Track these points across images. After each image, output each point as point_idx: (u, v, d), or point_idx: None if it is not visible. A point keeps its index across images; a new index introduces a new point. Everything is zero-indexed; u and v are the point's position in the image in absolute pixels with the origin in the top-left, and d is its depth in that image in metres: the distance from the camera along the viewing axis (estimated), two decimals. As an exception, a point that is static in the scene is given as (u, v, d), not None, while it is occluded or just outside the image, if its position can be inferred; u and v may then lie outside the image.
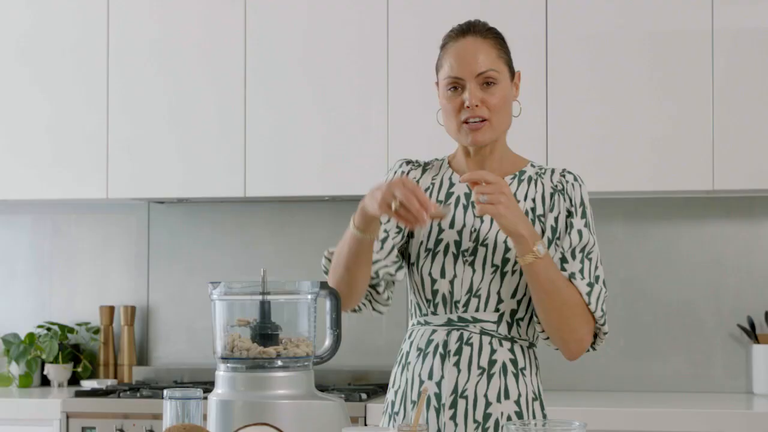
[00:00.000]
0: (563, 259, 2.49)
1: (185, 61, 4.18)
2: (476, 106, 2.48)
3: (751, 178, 3.84)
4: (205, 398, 2.15)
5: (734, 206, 4.17)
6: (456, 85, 2.51)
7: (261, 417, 2.09)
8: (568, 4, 3.95)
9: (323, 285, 2.22)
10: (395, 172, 2.66)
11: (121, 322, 4.49)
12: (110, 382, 4.36)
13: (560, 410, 3.44)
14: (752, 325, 4.08)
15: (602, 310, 2.48)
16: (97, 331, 4.51)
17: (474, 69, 2.49)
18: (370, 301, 2.62)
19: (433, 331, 2.54)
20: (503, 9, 3.98)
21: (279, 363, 2.13)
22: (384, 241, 2.57)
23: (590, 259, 2.50)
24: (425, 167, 2.67)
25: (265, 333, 2.16)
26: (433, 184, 2.63)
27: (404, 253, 2.62)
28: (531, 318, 2.55)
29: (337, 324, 2.25)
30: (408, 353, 2.59)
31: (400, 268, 2.59)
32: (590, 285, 2.47)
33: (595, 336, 2.52)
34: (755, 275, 4.15)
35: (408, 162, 2.68)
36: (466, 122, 2.51)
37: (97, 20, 4.23)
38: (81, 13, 4.25)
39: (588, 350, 2.53)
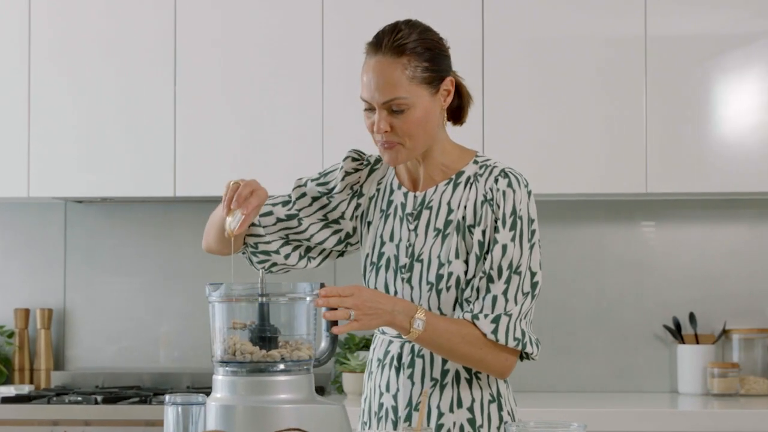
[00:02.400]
0: (489, 278, 2.38)
1: (114, 57, 4.07)
2: (385, 132, 2.39)
3: (683, 182, 3.92)
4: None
5: (660, 209, 4.25)
6: (368, 106, 2.42)
7: (263, 422, 2.05)
8: (504, 9, 3.97)
9: (322, 286, 2.19)
10: (341, 167, 2.57)
11: (37, 325, 4.34)
12: (28, 388, 4.21)
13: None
14: (678, 326, 4.17)
15: (516, 338, 2.37)
16: (11, 335, 4.35)
17: (378, 98, 2.37)
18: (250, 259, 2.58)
19: (390, 342, 2.50)
20: (439, 12, 3.98)
21: (281, 366, 2.09)
22: (268, 215, 2.53)
23: (519, 274, 2.38)
24: (374, 167, 2.58)
25: (264, 336, 2.11)
26: (378, 190, 2.56)
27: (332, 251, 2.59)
28: None
29: (334, 325, 2.22)
30: (372, 362, 2.55)
31: (287, 244, 2.55)
32: (496, 320, 2.36)
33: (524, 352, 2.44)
34: (680, 277, 4.24)
35: (355, 159, 2.58)
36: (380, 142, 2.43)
37: (20, 16, 4.09)
38: (3, 8, 4.10)
39: (528, 360, 2.45)
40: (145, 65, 4.06)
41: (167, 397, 2.02)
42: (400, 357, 2.46)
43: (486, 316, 2.36)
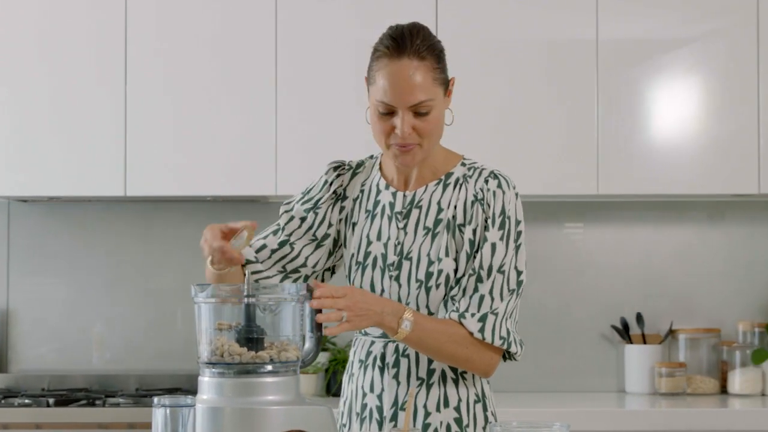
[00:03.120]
0: (478, 278, 2.41)
1: (67, 54, 4.00)
2: (408, 134, 2.39)
3: (633, 184, 3.98)
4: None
5: (609, 210, 4.30)
6: (387, 110, 2.40)
7: (252, 423, 2.03)
8: (457, 11, 3.98)
9: (308, 288, 2.18)
10: (324, 180, 2.58)
11: (-21, 326, 4.27)
12: (-29, 391, 4.13)
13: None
14: (625, 326, 4.22)
15: (502, 337, 2.40)
16: (-48, 337, 4.27)
17: (407, 101, 2.37)
18: None
19: (372, 343, 2.50)
20: (393, 13, 3.98)
21: (269, 368, 2.07)
22: (262, 249, 2.54)
23: (503, 273, 2.42)
24: (356, 170, 2.59)
25: (251, 337, 2.09)
26: (362, 191, 2.56)
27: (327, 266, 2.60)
28: None
29: (318, 327, 2.21)
30: (353, 363, 2.56)
31: (286, 277, 2.56)
32: (482, 319, 2.39)
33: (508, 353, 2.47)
34: (628, 278, 4.29)
35: (336, 167, 2.59)
36: (395, 145, 2.42)
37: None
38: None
39: (511, 360, 2.49)
40: (95, 63, 4.00)
41: (155, 399, 2.00)
42: (383, 357, 2.47)
43: (473, 315, 2.39)
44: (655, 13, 4.00)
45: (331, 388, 4.09)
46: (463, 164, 2.54)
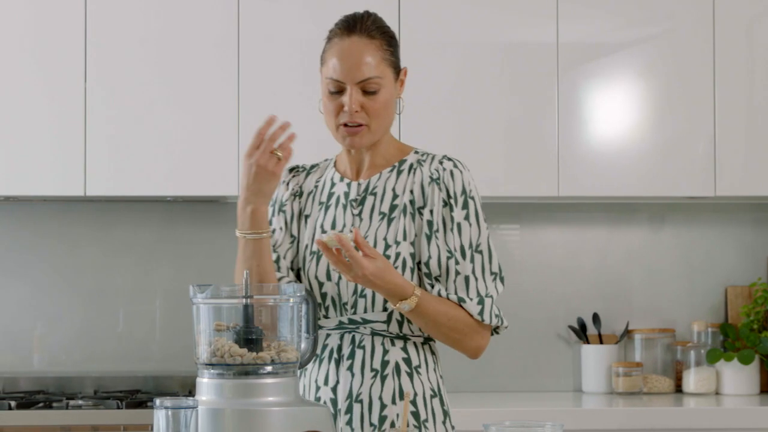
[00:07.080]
0: (455, 260, 2.46)
1: (25, 52, 3.94)
2: (356, 111, 2.46)
3: (592, 186, 4.02)
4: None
5: (564, 212, 4.34)
6: (337, 88, 2.47)
7: (252, 424, 2.03)
8: (420, 12, 3.99)
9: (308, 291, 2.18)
10: (281, 181, 2.62)
11: (-71, 328, 4.18)
12: None
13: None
14: (582, 327, 4.27)
15: (496, 316, 2.50)
16: None
17: (355, 76, 2.45)
18: None
19: (327, 336, 2.51)
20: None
21: (268, 369, 2.07)
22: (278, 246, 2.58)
23: (481, 252, 2.49)
24: (310, 170, 2.65)
25: (250, 338, 2.09)
26: (316, 186, 2.60)
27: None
28: None
29: (314, 328, 2.21)
30: None
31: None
32: (481, 301, 2.47)
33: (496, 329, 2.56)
34: (584, 279, 4.34)
35: (291, 169, 2.65)
36: (344, 125, 2.48)
37: None
38: None
39: (496, 334, 2.59)
40: (55, 61, 3.94)
41: (157, 401, 1.98)
42: (339, 348, 2.48)
43: (471, 299, 2.45)
44: (613, 15, 4.04)
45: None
46: (416, 153, 2.59)
